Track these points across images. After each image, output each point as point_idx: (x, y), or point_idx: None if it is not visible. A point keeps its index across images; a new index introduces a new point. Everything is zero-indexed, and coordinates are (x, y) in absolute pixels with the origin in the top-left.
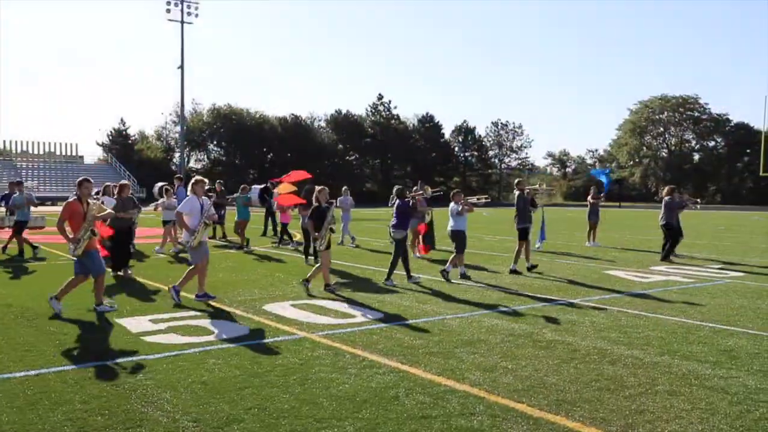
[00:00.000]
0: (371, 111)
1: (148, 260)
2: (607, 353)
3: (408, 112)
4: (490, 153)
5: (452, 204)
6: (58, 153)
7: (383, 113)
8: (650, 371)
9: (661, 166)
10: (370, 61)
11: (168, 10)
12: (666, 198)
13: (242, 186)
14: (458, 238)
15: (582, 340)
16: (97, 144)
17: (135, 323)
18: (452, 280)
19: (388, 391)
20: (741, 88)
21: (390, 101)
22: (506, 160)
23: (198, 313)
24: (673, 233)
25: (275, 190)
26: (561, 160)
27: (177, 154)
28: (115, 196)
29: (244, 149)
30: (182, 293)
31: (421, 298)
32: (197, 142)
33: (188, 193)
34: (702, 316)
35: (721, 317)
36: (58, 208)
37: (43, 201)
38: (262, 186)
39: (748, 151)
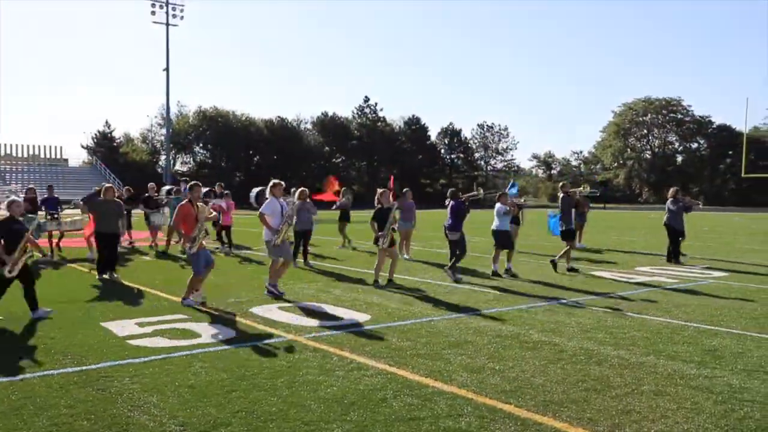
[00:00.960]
0: (358, 113)
1: (134, 263)
2: (594, 354)
3: (394, 114)
4: (476, 155)
5: (498, 204)
6: (42, 156)
7: (369, 115)
8: (636, 371)
9: (644, 167)
10: (356, 63)
11: (153, 12)
12: (670, 200)
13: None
14: (502, 236)
15: (568, 341)
16: (82, 147)
17: (121, 327)
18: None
19: (376, 393)
20: (723, 91)
21: (376, 103)
22: (492, 162)
23: (185, 317)
24: (675, 234)
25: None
26: (546, 162)
27: (163, 157)
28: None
29: (231, 152)
30: (168, 296)
31: (408, 300)
32: (183, 144)
33: (267, 195)
34: (687, 317)
35: (705, 317)
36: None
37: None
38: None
39: (730, 152)
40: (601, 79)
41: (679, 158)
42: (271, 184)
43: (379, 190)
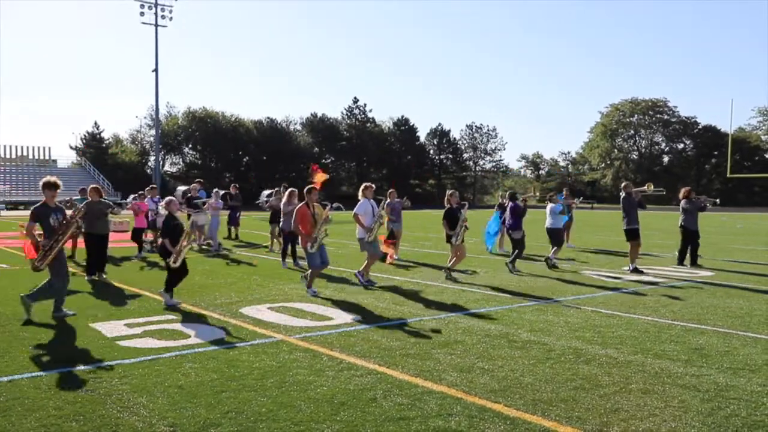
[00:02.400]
0: (347, 114)
1: (122, 264)
2: (582, 353)
3: (383, 115)
4: (465, 155)
5: (551, 204)
6: (30, 157)
7: (359, 116)
8: (624, 370)
9: (631, 167)
10: (345, 64)
11: (142, 13)
12: (683, 201)
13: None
14: (554, 234)
15: (557, 340)
16: (71, 148)
17: (110, 327)
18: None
19: (366, 393)
20: (708, 92)
21: (365, 104)
22: (480, 162)
23: (174, 317)
24: (692, 236)
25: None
26: (534, 162)
27: (152, 158)
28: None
29: (220, 152)
30: (157, 297)
31: (398, 299)
32: (172, 145)
33: (359, 197)
34: (674, 315)
35: (692, 316)
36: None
37: (16, 205)
38: (274, 190)
39: (715, 153)
40: (588, 79)
41: (666, 158)
42: (363, 186)
43: (449, 191)
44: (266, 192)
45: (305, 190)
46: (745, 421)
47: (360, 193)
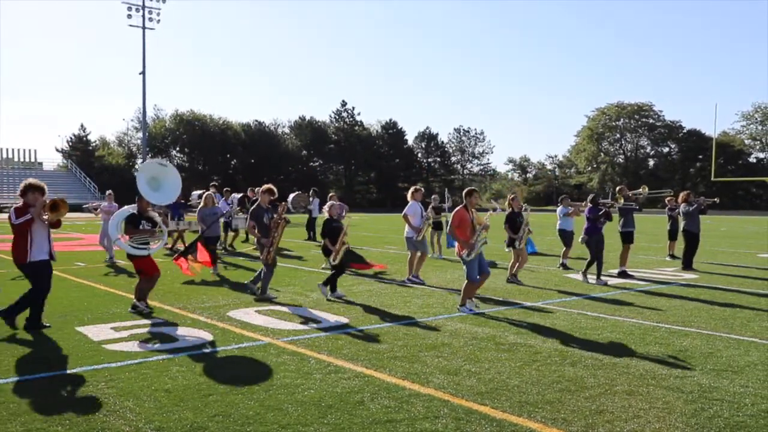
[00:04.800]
0: (335, 117)
1: (107, 268)
2: (568, 355)
3: (371, 118)
4: (453, 159)
5: (560, 207)
6: (15, 159)
7: (347, 119)
8: (609, 372)
9: (618, 171)
10: (333, 67)
11: (129, 16)
12: (683, 205)
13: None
14: (565, 236)
15: (543, 343)
16: (57, 150)
17: (96, 331)
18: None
19: (354, 395)
20: (692, 96)
21: (354, 108)
22: (468, 165)
23: (161, 321)
24: (695, 240)
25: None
26: (522, 165)
27: (139, 161)
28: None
29: (208, 155)
30: (146, 299)
31: (385, 303)
32: (160, 148)
33: (409, 199)
34: (658, 318)
35: (676, 318)
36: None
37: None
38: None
39: (700, 156)
40: (575, 83)
41: (651, 162)
42: (412, 189)
43: (510, 196)
44: (197, 192)
45: (465, 192)
46: (728, 422)
47: (409, 196)
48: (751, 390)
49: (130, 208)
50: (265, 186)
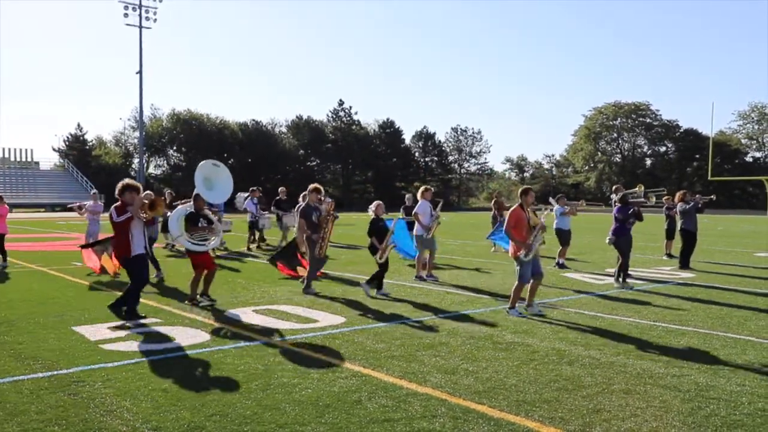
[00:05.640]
0: (332, 116)
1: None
2: (565, 354)
3: (369, 117)
4: (450, 158)
5: (557, 206)
6: (12, 159)
7: (344, 119)
8: (606, 371)
9: (615, 170)
10: (331, 66)
11: (126, 15)
12: (680, 204)
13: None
14: (562, 235)
15: (541, 342)
16: (53, 150)
17: (93, 331)
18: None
19: (351, 395)
20: (689, 96)
21: (351, 107)
22: (466, 165)
23: (158, 320)
24: (693, 238)
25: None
26: (519, 165)
27: (136, 160)
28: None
29: (205, 155)
30: (141, 300)
31: (383, 302)
32: (157, 147)
33: (418, 198)
34: (655, 317)
35: (673, 317)
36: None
37: None
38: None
39: (697, 156)
40: (572, 83)
41: (648, 161)
42: (423, 189)
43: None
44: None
45: (521, 191)
46: (725, 420)
47: (420, 195)
48: (748, 389)
49: (188, 207)
50: (312, 186)
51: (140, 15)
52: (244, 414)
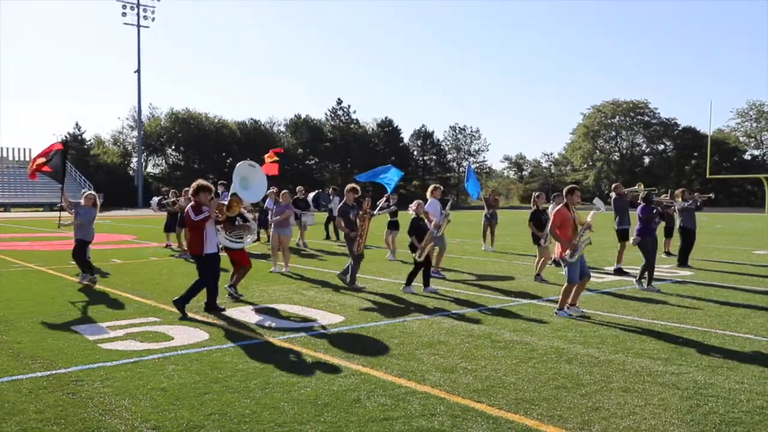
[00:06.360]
0: (331, 115)
1: (103, 267)
2: (564, 352)
3: (367, 116)
4: (449, 157)
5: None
6: (10, 158)
7: (342, 117)
8: (605, 369)
9: (613, 168)
10: (329, 65)
11: (124, 14)
12: (679, 201)
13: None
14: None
15: (539, 340)
16: None
17: (92, 330)
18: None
19: (350, 393)
20: (688, 94)
21: (349, 105)
22: (464, 163)
23: (157, 319)
24: (692, 237)
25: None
26: (517, 163)
27: (134, 159)
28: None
29: (203, 154)
30: (139, 299)
31: (382, 300)
32: (155, 146)
33: (429, 196)
34: (654, 315)
35: (671, 315)
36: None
37: None
38: (317, 191)
39: (695, 154)
40: (570, 81)
41: (647, 160)
42: (432, 187)
43: (535, 194)
44: (157, 199)
45: (566, 190)
46: (723, 418)
47: (429, 193)
48: (747, 386)
49: None
50: (350, 185)
51: (138, 14)
52: (243, 413)
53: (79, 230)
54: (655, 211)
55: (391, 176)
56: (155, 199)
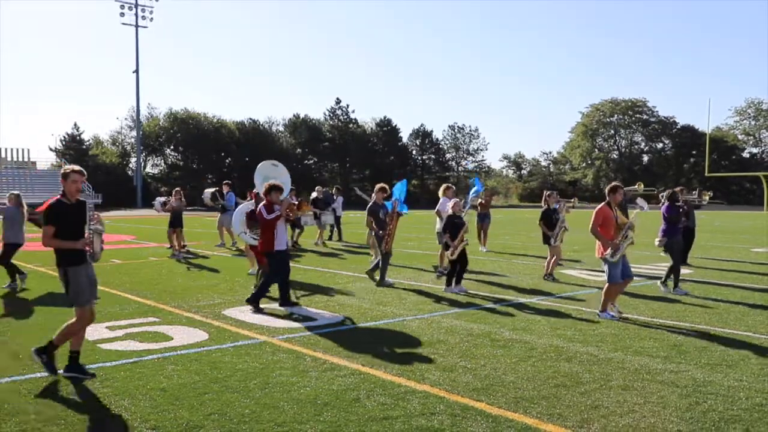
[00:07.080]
0: (329, 115)
1: (102, 267)
2: (563, 351)
3: (366, 115)
4: (447, 156)
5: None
6: (8, 159)
7: (341, 117)
8: (604, 367)
9: (612, 167)
10: (327, 64)
11: (122, 14)
12: (695, 198)
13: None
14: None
15: (539, 339)
16: (50, 149)
17: (91, 330)
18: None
19: (349, 393)
20: (686, 92)
21: (348, 105)
22: (463, 162)
23: (156, 320)
24: (689, 235)
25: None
26: (516, 162)
27: (133, 159)
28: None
29: (202, 154)
30: (138, 299)
31: (381, 300)
32: (154, 147)
33: (440, 195)
34: (653, 313)
35: (670, 313)
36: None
37: None
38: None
39: (694, 152)
40: (569, 80)
41: (645, 158)
42: (444, 186)
43: (546, 192)
44: (161, 199)
45: (609, 189)
46: (722, 416)
47: (441, 193)
48: (746, 384)
49: (249, 205)
50: (379, 185)
51: (136, 14)
52: (243, 413)
53: (8, 233)
54: (681, 210)
55: (400, 186)
56: (159, 200)
